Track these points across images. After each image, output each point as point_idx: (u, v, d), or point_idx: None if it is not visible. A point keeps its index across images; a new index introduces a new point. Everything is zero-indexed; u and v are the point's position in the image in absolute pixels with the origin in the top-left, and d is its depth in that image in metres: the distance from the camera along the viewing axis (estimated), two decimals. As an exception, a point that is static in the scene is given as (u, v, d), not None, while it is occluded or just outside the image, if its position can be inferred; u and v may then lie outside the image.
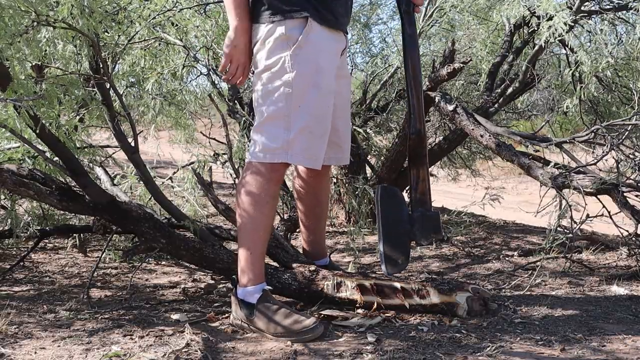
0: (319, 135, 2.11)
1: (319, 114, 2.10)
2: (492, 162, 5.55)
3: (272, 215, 2.16)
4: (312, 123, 2.08)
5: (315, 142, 2.10)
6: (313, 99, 2.07)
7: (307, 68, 2.05)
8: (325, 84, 2.09)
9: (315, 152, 2.12)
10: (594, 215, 2.70)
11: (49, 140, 2.40)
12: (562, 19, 2.93)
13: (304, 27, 2.05)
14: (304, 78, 2.05)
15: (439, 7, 3.91)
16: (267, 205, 2.12)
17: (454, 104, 3.05)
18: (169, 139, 3.91)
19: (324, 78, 2.08)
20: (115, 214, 2.48)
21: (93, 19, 2.27)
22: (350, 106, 2.51)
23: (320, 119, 2.10)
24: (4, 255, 3.18)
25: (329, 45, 2.13)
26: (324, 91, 2.09)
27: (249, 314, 2.08)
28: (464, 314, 2.18)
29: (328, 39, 2.12)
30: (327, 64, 2.11)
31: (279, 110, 2.07)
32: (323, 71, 2.08)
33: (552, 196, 2.66)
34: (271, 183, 2.11)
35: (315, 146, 2.11)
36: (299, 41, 2.05)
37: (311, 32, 2.06)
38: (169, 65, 3.01)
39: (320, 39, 2.08)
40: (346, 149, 2.38)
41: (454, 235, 3.64)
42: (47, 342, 1.92)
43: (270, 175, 2.11)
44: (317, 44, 2.07)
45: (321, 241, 2.54)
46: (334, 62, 2.15)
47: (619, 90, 4.06)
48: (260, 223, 2.12)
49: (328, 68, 2.11)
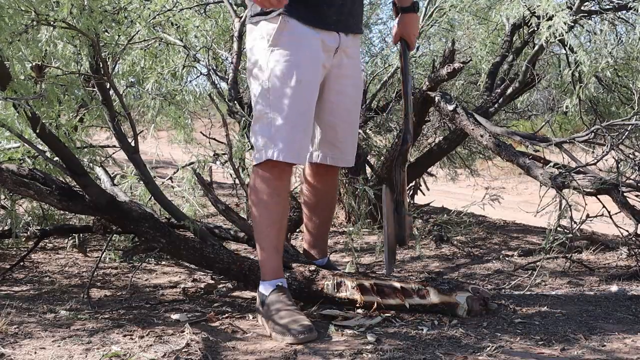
0: (301, 130, 2.12)
1: (299, 109, 2.10)
2: (492, 162, 5.55)
3: (279, 211, 2.18)
4: (293, 117, 2.09)
5: (297, 137, 2.11)
6: (292, 94, 2.07)
7: (283, 64, 2.07)
8: (306, 79, 2.09)
9: (297, 147, 2.12)
10: (594, 215, 2.70)
11: (49, 140, 2.40)
12: (562, 19, 2.93)
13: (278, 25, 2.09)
14: (281, 74, 2.08)
15: (439, 7, 3.91)
16: (271, 203, 2.15)
17: (454, 104, 3.05)
18: (167, 139, 3.91)
19: (302, 72, 2.08)
20: (115, 214, 2.48)
21: (93, 18, 2.27)
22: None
23: (301, 113, 2.11)
24: (4, 255, 3.18)
25: (309, 41, 2.12)
26: (303, 86, 2.09)
27: (260, 307, 2.15)
28: (464, 313, 2.18)
29: (308, 35, 2.11)
30: (307, 59, 2.11)
31: (263, 109, 2.12)
32: (301, 66, 2.08)
33: (552, 196, 2.66)
34: (272, 181, 2.14)
35: (297, 141, 2.11)
36: (273, 39, 2.08)
37: (285, 30, 2.08)
38: (169, 65, 3.01)
39: (296, 35, 2.09)
40: (345, 149, 2.35)
41: (453, 235, 3.64)
42: (47, 342, 1.92)
43: (270, 174, 2.14)
44: (294, 40, 2.09)
45: (322, 243, 2.52)
46: (316, 58, 2.14)
47: (619, 90, 4.06)
48: (267, 220, 2.17)
49: (308, 63, 2.11)
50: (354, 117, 2.36)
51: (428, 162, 4.02)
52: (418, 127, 3.59)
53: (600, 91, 4.05)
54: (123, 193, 2.91)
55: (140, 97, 3.33)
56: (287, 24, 2.09)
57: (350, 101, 2.32)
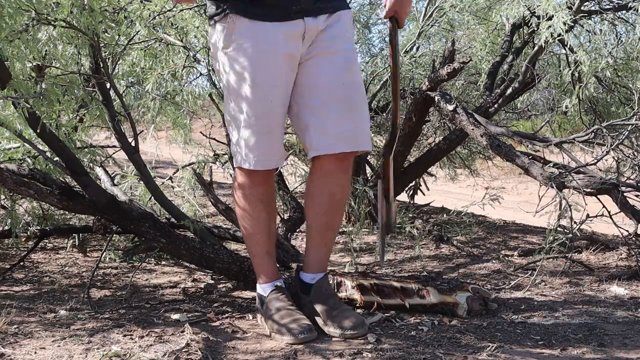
0: (264, 133, 2.02)
1: (260, 112, 2.01)
2: (492, 162, 5.55)
3: (265, 217, 2.14)
4: (253, 121, 2.01)
5: (261, 141, 2.02)
6: (250, 98, 1.99)
7: (238, 66, 1.99)
8: (263, 79, 1.99)
9: (264, 151, 2.04)
10: (594, 215, 2.70)
11: (50, 140, 2.40)
12: (561, 19, 2.93)
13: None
14: (237, 77, 2.00)
15: (439, 7, 3.91)
16: (256, 209, 2.11)
17: (454, 104, 3.05)
18: (167, 139, 3.91)
19: (259, 73, 1.98)
20: (116, 214, 2.48)
21: (93, 17, 2.27)
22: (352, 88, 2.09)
23: (261, 117, 2.01)
24: (4, 255, 3.18)
25: (263, 35, 1.99)
26: (261, 86, 1.99)
27: (260, 307, 2.14)
28: (464, 313, 2.18)
29: (262, 30, 1.99)
30: (261, 57, 1.99)
31: (228, 113, 2.08)
32: (255, 65, 1.98)
33: (552, 196, 2.66)
34: (252, 187, 2.10)
35: (264, 147, 2.03)
36: (224, 41, 2.00)
37: (235, 30, 1.98)
38: (169, 65, 3.01)
39: (248, 32, 1.98)
40: (334, 132, 2.02)
41: (453, 235, 3.64)
42: (47, 342, 1.92)
43: (247, 180, 2.10)
44: (246, 39, 1.98)
45: (314, 253, 2.17)
46: (274, 52, 1.99)
47: (618, 90, 4.06)
48: (256, 228, 2.14)
49: (263, 61, 1.99)
50: (340, 93, 2.04)
51: (428, 162, 4.01)
52: (418, 127, 3.59)
53: (600, 91, 4.05)
54: (123, 193, 2.91)
55: (140, 97, 3.33)
56: (236, 24, 1.98)
57: (330, 80, 2.04)
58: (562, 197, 2.60)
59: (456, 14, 4.00)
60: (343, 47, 2.08)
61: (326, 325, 2.03)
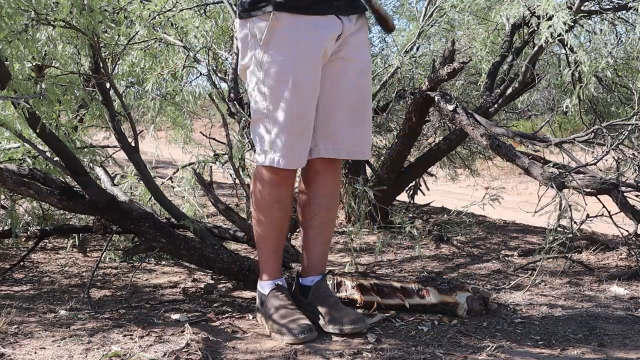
0: (298, 134, 2.01)
1: (296, 112, 1.98)
2: (492, 162, 5.55)
3: (279, 217, 2.14)
4: (290, 122, 1.98)
5: (296, 141, 2.01)
6: (288, 98, 1.96)
7: (278, 65, 1.96)
8: (301, 80, 1.97)
9: (297, 152, 2.02)
10: (594, 215, 2.70)
11: (50, 140, 2.40)
12: (561, 18, 2.93)
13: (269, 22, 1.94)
14: (276, 76, 1.96)
15: (439, 7, 3.90)
16: (271, 208, 2.11)
17: (454, 104, 3.05)
18: (166, 139, 3.91)
19: (299, 73, 1.96)
20: (116, 214, 2.48)
21: (92, 17, 2.27)
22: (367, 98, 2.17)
23: (297, 118, 1.99)
24: (4, 255, 3.18)
25: (306, 35, 1.97)
26: (300, 87, 1.97)
27: (260, 306, 2.14)
28: (464, 313, 2.18)
29: (305, 29, 1.96)
30: (302, 57, 1.97)
31: (259, 111, 2.03)
32: (297, 66, 1.96)
33: (552, 196, 2.66)
34: (273, 186, 2.08)
35: (297, 145, 2.01)
36: (265, 38, 1.95)
37: (277, 26, 1.94)
38: (169, 65, 3.01)
39: (291, 30, 1.95)
40: (340, 139, 2.09)
41: (453, 235, 3.64)
42: (47, 342, 1.92)
43: (270, 178, 2.07)
44: (287, 37, 1.95)
45: (310, 256, 2.21)
46: (315, 52, 1.98)
47: (619, 90, 4.06)
48: (268, 225, 2.14)
49: (304, 61, 1.97)
50: (354, 103, 2.10)
51: (428, 162, 4.01)
52: (418, 127, 3.59)
53: (600, 91, 4.05)
54: (123, 193, 2.91)
55: (140, 97, 3.33)
56: (279, 21, 1.94)
57: (351, 85, 2.09)
58: (562, 197, 2.60)
59: (456, 14, 4.00)
60: (365, 58, 2.13)
61: (326, 325, 2.04)
